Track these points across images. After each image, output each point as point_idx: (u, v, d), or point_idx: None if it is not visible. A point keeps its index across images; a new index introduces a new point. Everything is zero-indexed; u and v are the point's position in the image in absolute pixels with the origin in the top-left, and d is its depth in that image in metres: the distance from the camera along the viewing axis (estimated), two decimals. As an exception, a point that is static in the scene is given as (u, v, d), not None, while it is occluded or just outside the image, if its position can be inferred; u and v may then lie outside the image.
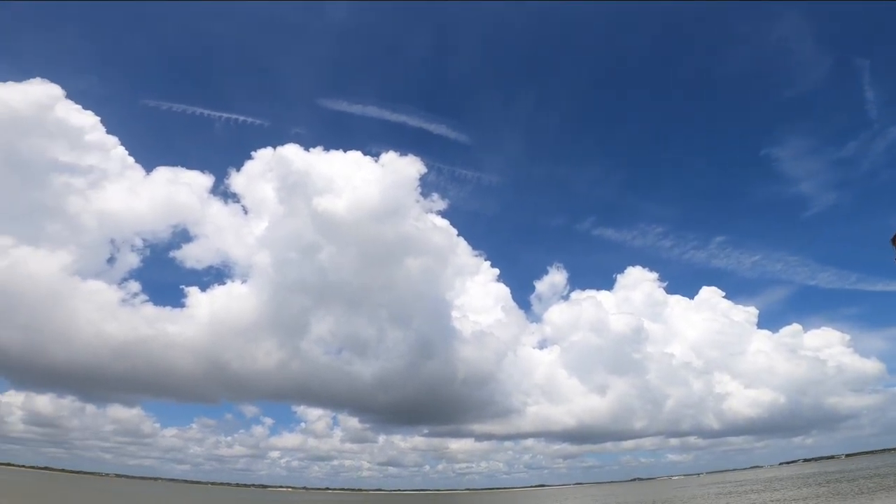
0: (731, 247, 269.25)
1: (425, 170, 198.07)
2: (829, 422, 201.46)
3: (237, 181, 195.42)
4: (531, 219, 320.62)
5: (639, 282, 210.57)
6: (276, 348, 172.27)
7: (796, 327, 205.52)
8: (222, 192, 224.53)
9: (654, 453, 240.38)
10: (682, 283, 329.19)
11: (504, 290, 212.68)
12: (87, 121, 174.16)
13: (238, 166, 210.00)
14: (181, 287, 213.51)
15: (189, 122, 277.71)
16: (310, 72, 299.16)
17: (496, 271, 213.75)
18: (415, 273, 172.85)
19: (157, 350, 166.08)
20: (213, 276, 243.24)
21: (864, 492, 45.17)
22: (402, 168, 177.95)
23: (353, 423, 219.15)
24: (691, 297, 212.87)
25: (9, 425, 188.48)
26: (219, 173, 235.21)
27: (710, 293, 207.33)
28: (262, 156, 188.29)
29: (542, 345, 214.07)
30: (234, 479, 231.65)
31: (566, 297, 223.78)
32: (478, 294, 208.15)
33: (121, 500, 72.51)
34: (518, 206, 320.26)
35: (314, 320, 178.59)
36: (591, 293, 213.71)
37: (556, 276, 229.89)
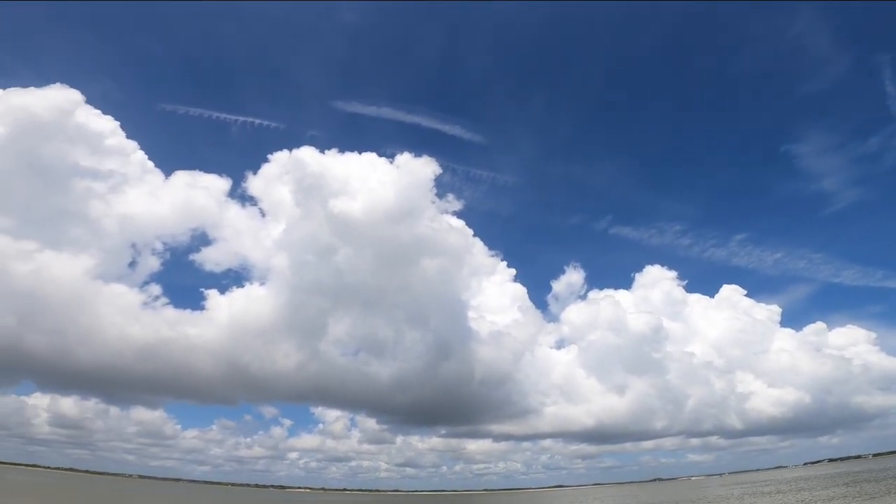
0: (752, 244, 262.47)
1: (440, 170, 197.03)
2: (856, 421, 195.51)
3: (254, 184, 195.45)
4: (547, 218, 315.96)
5: (657, 280, 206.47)
6: (295, 350, 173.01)
7: (820, 325, 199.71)
8: (239, 195, 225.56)
9: (674, 453, 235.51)
10: (702, 281, 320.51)
11: (521, 290, 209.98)
12: (106, 126, 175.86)
13: (254, 169, 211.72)
14: (200, 290, 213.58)
15: (205, 125, 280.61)
16: (323, 74, 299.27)
17: (512, 271, 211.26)
18: (431, 274, 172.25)
19: (178, 352, 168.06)
20: (232, 278, 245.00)
21: (893, 491, 43.86)
22: (417, 169, 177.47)
23: (371, 424, 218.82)
24: (712, 295, 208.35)
25: (35, 427, 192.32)
26: (236, 176, 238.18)
27: (731, 291, 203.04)
28: (278, 159, 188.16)
29: (560, 345, 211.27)
30: (253, 479, 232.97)
31: (583, 297, 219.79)
32: (494, 294, 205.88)
33: (149, 502, 73.83)
34: (534, 206, 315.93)
35: (331, 322, 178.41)
36: (608, 292, 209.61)
37: (573, 276, 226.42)
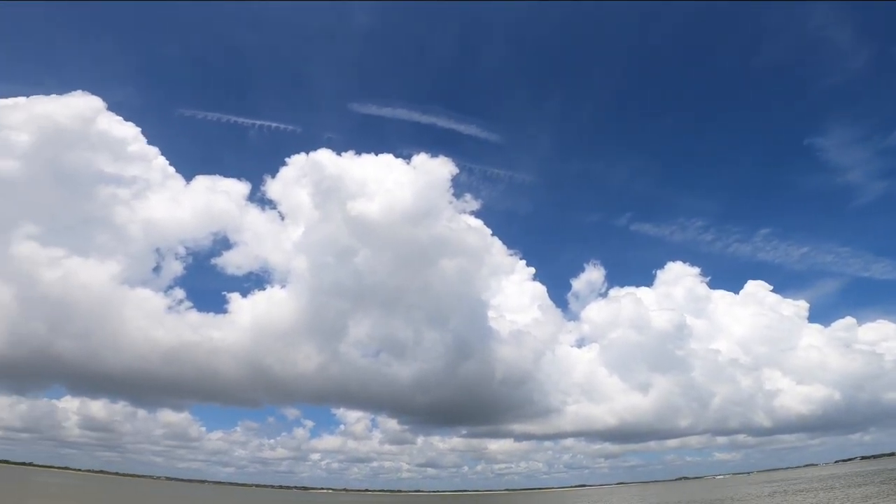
0: (778, 239, 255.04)
1: (457, 170, 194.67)
2: (889, 418, 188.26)
3: (273, 188, 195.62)
4: (566, 216, 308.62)
5: (680, 277, 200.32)
6: (316, 352, 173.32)
7: (850, 320, 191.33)
8: (259, 198, 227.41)
9: (700, 452, 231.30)
10: (725, 277, 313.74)
11: (540, 289, 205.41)
12: (128, 132, 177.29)
13: (273, 173, 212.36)
14: (223, 293, 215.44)
15: (223, 130, 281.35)
16: (339, 76, 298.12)
17: (532, 270, 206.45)
18: (450, 274, 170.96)
19: (203, 355, 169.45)
20: (254, 281, 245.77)
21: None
22: (434, 169, 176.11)
23: (392, 424, 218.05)
24: (736, 291, 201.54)
25: (66, 430, 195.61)
26: (255, 180, 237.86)
27: (756, 287, 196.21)
28: (296, 162, 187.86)
29: (581, 343, 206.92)
30: (277, 481, 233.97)
31: (604, 295, 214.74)
32: (514, 293, 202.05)
33: (179, 503, 75.52)
34: (552, 204, 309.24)
35: (352, 323, 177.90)
36: (630, 290, 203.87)
37: (593, 274, 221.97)
